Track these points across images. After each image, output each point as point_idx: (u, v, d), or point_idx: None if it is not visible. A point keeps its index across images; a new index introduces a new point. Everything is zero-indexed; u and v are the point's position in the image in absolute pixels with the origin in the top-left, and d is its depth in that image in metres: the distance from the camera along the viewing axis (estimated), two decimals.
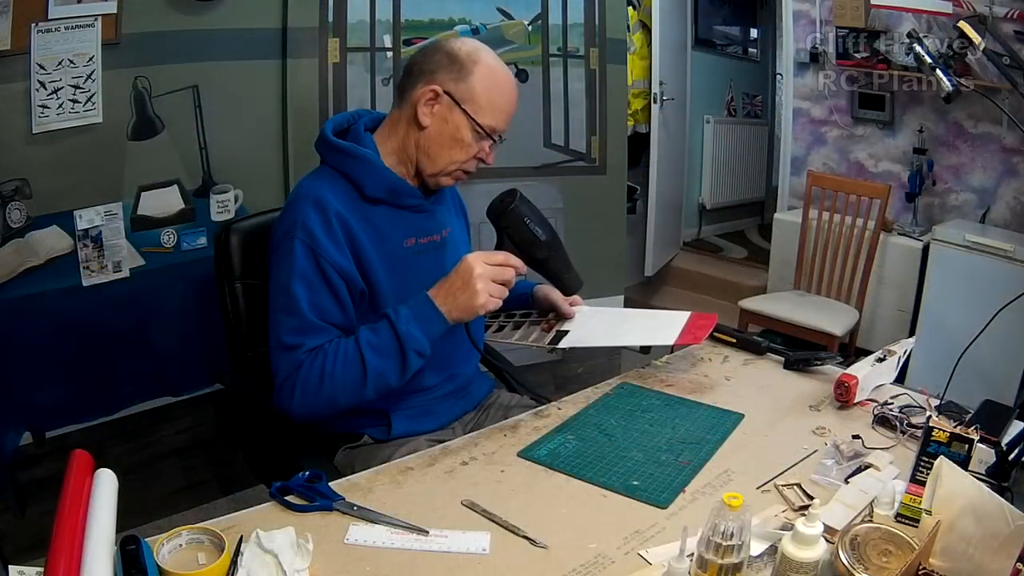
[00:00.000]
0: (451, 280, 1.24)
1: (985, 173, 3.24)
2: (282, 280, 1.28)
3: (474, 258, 1.23)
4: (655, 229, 4.13)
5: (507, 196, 1.31)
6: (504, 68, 1.34)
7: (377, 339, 1.24)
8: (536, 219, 1.31)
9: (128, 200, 2.16)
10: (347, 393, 1.25)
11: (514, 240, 1.31)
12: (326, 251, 1.26)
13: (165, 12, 2.12)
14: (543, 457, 1.21)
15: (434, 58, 1.31)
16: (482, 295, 1.22)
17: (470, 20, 2.76)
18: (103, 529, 0.86)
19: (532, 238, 1.30)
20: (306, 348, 1.25)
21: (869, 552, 0.93)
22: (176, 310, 2.28)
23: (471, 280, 1.22)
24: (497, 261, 1.25)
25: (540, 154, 3.02)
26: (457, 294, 1.23)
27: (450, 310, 1.24)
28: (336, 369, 1.23)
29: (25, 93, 1.92)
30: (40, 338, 2.05)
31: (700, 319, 1.49)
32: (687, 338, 1.44)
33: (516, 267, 1.27)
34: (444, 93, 1.30)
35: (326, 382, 1.23)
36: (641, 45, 4.17)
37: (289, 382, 1.25)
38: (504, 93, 1.33)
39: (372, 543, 0.99)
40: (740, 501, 0.86)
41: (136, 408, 2.27)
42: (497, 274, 1.24)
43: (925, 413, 1.31)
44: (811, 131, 3.80)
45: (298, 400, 1.25)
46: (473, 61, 1.30)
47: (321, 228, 1.27)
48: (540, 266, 1.35)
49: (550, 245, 1.33)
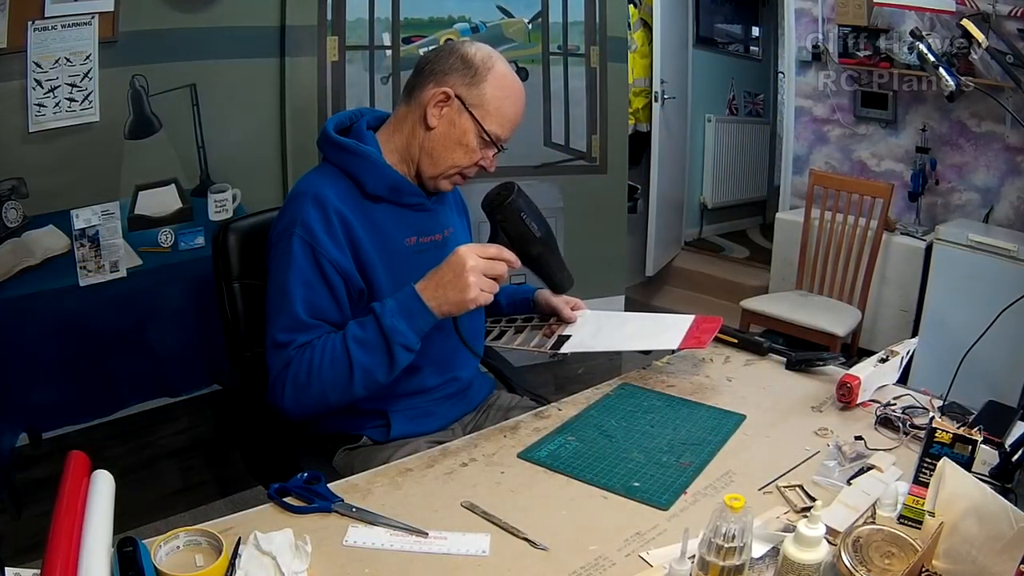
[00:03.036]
0: (442, 272, 1.22)
1: (988, 172, 3.23)
2: (279, 277, 1.27)
3: (466, 250, 1.21)
4: (656, 229, 4.12)
5: (504, 189, 1.29)
6: (515, 78, 1.34)
7: (363, 333, 1.22)
8: (532, 214, 1.29)
9: (125, 199, 2.16)
10: (335, 389, 1.23)
11: (508, 234, 1.29)
12: (325, 248, 1.26)
13: (163, 10, 2.12)
14: (543, 458, 1.21)
15: (448, 60, 1.31)
16: (473, 289, 1.19)
17: (469, 18, 2.75)
18: (100, 531, 0.86)
19: (527, 233, 1.29)
20: (296, 344, 1.24)
21: (871, 554, 0.93)
22: (174, 310, 2.28)
23: (463, 273, 1.20)
24: (490, 254, 1.22)
25: (540, 153, 3.02)
26: (448, 287, 1.21)
27: (440, 304, 1.22)
28: (323, 364, 1.22)
29: (22, 91, 1.91)
30: (37, 338, 2.04)
31: (704, 322, 1.48)
32: (691, 342, 1.43)
33: (509, 261, 1.25)
34: (455, 96, 1.29)
35: (314, 378, 1.22)
36: (642, 43, 4.17)
37: (280, 379, 1.25)
38: (514, 103, 1.32)
39: (371, 545, 0.98)
40: (742, 503, 0.86)
41: (134, 409, 2.27)
42: (489, 268, 1.22)
43: (928, 414, 1.30)
44: (813, 130, 3.79)
45: (289, 397, 1.24)
46: (487, 68, 1.30)
47: (320, 225, 1.26)
48: (533, 262, 1.33)
49: (544, 242, 1.31)
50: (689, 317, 1.51)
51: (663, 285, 4.37)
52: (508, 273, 1.25)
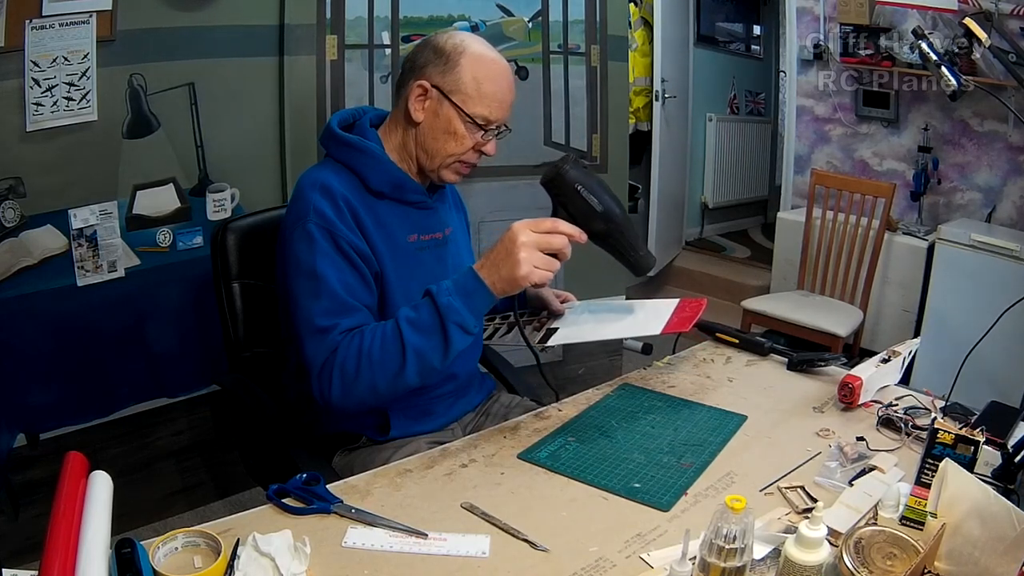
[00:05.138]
0: (496, 250, 1.17)
1: (991, 171, 3.22)
2: (305, 265, 1.24)
3: (520, 225, 1.16)
4: (657, 228, 4.12)
5: (561, 161, 1.24)
6: (495, 56, 1.32)
7: (417, 315, 1.18)
8: (591, 187, 1.22)
9: (123, 199, 2.15)
10: (386, 376, 1.18)
11: (568, 210, 1.22)
12: (342, 231, 1.25)
13: (161, 9, 2.11)
14: (543, 459, 1.20)
15: (423, 53, 1.31)
16: (524, 265, 1.13)
17: (469, 17, 2.74)
18: (98, 532, 0.85)
19: (586, 208, 1.21)
20: (341, 328, 1.20)
21: (873, 555, 0.92)
22: (172, 310, 2.27)
23: (514, 249, 1.14)
24: (544, 228, 1.16)
25: (541, 152, 3.00)
26: (500, 264, 1.15)
27: (495, 282, 1.16)
28: (374, 349, 1.18)
29: (19, 90, 1.90)
30: (34, 339, 2.03)
31: (688, 305, 1.45)
32: (674, 326, 1.39)
33: (570, 234, 1.17)
34: (432, 87, 1.29)
35: (363, 364, 1.18)
36: (643, 42, 4.16)
37: (327, 368, 1.20)
38: (494, 81, 1.30)
39: (370, 546, 0.98)
40: (743, 504, 0.85)
41: (132, 409, 2.25)
42: (544, 242, 1.15)
43: (930, 415, 1.31)
44: (815, 129, 3.79)
45: (337, 387, 1.19)
46: (459, 52, 1.29)
47: (332, 211, 1.25)
48: (600, 240, 1.24)
49: (608, 217, 1.22)
50: (673, 301, 1.47)
51: (664, 285, 4.36)
52: (569, 248, 1.18)
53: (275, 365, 1.51)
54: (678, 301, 1.47)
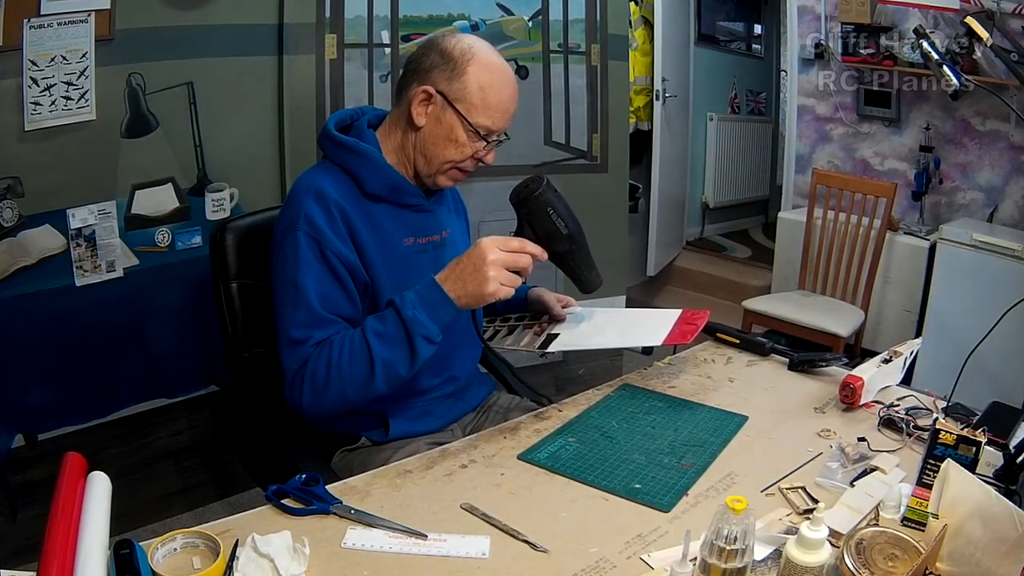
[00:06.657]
0: (462, 264, 1.20)
1: (993, 171, 3.22)
2: (289, 273, 1.26)
3: (488, 243, 1.18)
4: (657, 228, 4.11)
5: (532, 182, 1.26)
6: (501, 65, 1.31)
7: (383, 327, 1.20)
8: (561, 210, 1.25)
9: (122, 199, 2.15)
10: (356, 385, 1.21)
11: (535, 229, 1.25)
12: (330, 242, 1.25)
13: (159, 8, 2.11)
14: (543, 460, 1.20)
15: (428, 57, 1.30)
16: (492, 283, 1.17)
17: (469, 16, 2.74)
18: (96, 533, 0.85)
19: (554, 230, 1.25)
20: (314, 341, 1.23)
21: (875, 556, 0.92)
22: (171, 310, 2.27)
23: (483, 266, 1.17)
24: (512, 248, 1.19)
25: (541, 152, 3.00)
26: (467, 280, 1.18)
27: (460, 296, 1.19)
28: (343, 360, 1.20)
29: (17, 90, 1.91)
30: (33, 339, 2.04)
31: (691, 316, 1.46)
32: (676, 338, 1.41)
33: (534, 254, 1.21)
34: (437, 93, 1.28)
35: (333, 375, 1.20)
36: (643, 41, 4.15)
37: (298, 378, 1.23)
38: (499, 92, 1.29)
39: (370, 547, 0.98)
40: (744, 504, 0.85)
41: (130, 410, 2.26)
42: (511, 261, 1.19)
43: (932, 415, 1.30)
44: (816, 129, 3.78)
45: (308, 396, 1.22)
46: (467, 59, 1.27)
47: (324, 219, 1.25)
48: (559, 260, 1.29)
49: (572, 239, 1.26)
50: (676, 312, 1.49)
51: (664, 285, 4.36)
52: (532, 267, 1.22)
53: (274, 365, 1.50)
54: (681, 311, 1.48)
